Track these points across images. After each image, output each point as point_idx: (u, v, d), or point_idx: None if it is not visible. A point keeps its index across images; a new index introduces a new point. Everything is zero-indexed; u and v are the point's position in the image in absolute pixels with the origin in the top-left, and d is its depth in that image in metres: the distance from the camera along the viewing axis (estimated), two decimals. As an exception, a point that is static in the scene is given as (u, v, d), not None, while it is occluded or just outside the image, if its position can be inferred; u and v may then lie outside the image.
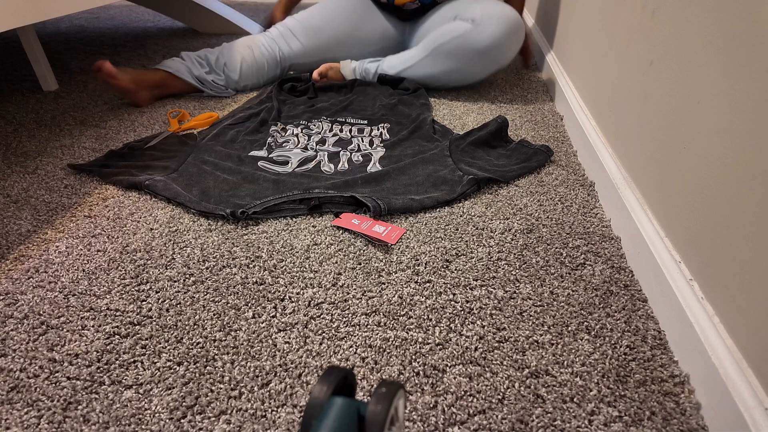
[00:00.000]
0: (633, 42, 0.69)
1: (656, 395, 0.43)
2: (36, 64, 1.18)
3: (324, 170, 0.80)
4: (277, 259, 0.60)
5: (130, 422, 0.41)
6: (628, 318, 0.51)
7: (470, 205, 0.72)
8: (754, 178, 0.39)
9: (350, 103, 1.09)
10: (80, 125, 1.00)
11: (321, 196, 0.70)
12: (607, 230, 0.66)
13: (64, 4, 0.89)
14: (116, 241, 0.64)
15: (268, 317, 0.52)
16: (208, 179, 0.77)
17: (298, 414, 0.42)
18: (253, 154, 0.85)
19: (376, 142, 0.91)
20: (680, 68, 0.54)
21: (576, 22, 1.04)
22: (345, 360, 0.47)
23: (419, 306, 0.53)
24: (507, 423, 0.41)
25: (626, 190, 0.64)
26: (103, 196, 0.74)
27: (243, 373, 0.45)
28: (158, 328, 0.50)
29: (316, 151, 0.87)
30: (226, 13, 1.80)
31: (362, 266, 0.59)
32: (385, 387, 0.26)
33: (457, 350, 0.48)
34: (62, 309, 0.53)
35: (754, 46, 0.41)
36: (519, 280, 0.57)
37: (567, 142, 0.92)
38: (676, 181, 0.53)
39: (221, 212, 0.68)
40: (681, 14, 0.55)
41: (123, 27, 1.93)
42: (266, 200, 0.70)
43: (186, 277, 0.57)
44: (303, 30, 1.22)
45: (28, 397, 0.43)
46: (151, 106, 1.10)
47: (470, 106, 1.10)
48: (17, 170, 0.82)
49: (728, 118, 0.44)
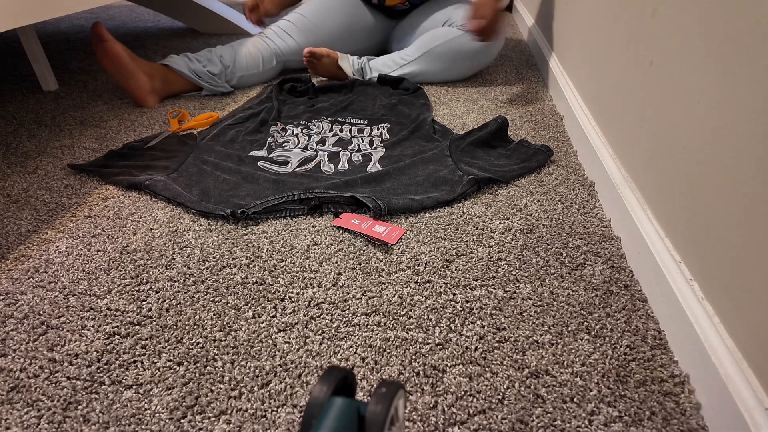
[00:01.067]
0: (633, 42, 0.69)
1: (656, 395, 0.43)
2: (36, 64, 1.18)
3: (324, 170, 0.80)
4: (277, 259, 0.60)
5: (130, 422, 0.41)
6: (628, 318, 0.51)
7: (470, 205, 0.72)
8: (754, 178, 0.39)
9: (350, 103, 1.09)
10: (80, 125, 1.00)
11: (321, 196, 0.70)
12: (607, 230, 0.66)
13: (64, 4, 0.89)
14: (116, 241, 0.64)
15: (268, 317, 0.52)
16: (208, 179, 0.77)
17: (298, 414, 0.42)
18: (253, 154, 0.85)
19: (376, 142, 0.91)
20: (680, 68, 0.54)
21: (576, 22, 1.05)
22: (345, 360, 0.47)
23: (419, 306, 0.53)
24: (507, 423, 0.41)
25: (626, 190, 0.64)
26: (103, 196, 0.74)
27: (243, 373, 0.45)
28: (158, 328, 0.50)
29: (316, 151, 0.87)
30: (226, 13, 1.80)
31: (362, 266, 0.59)
32: (385, 387, 0.26)
33: (457, 350, 0.48)
34: (62, 309, 0.53)
35: (754, 46, 0.41)
36: (519, 280, 0.57)
37: (567, 142, 0.92)
38: (676, 181, 0.53)
39: (221, 212, 0.68)
40: (681, 14, 0.55)
41: (123, 27, 1.93)
42: (266, 200, 0.70)
43: (186, 277, 0.57)
44: (297, 29, 1.25)
45: (28, 397, 0.43)
46: (153, 106, 1.10)
47: (470, 106, 1.10)
48: (17, 170, 0.82)
49: (728, 118, 0.44)
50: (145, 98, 1.08)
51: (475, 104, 1.11)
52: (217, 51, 1.17)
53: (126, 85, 1.06)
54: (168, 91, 1.13)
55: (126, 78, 1.04)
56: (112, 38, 1.00)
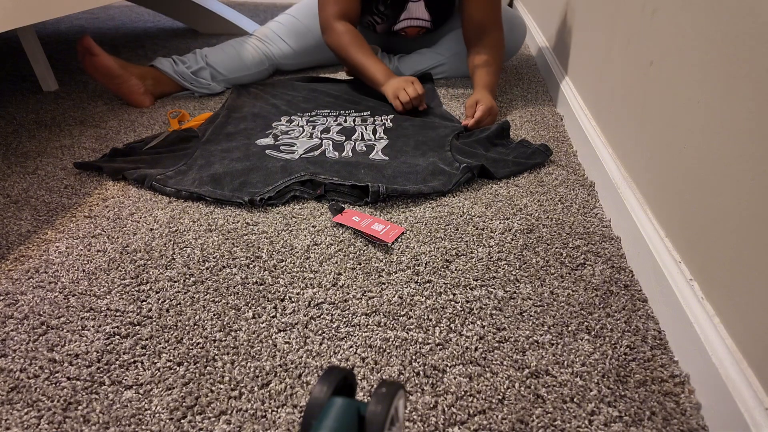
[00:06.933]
0: (633, 42, 0.69)
1: (656, 395, 0.43)
2: (36, 65, 1.18)
3: (329, 156, 0.83)
4: (277, 260, 0.60)
5: (130, 422, 0.41)
6: (628, 318, 0.51)
7: (470, 205, 0.72)
8: (754, 178, 0.39)
9: (354, 94, 1.12)
10: (80, 125, 1.00)
11: (327, 182, 0.73)
12: (607, 230, 0.66)
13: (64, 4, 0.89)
14: (116, 242, 0.64)
15: (268, 317, 0.52)
16: (218, 168, 0.78)
17: (298, 414, 0.42)
18: (259, 142, 0.88)
19: (379, 131, 0.93)
20: (680, 68, 0.54)
21: (576, 23, 1.04)
22: (345, 360, 0.47)
23: (419, 306, 0.53)
24: (507, 423, 0.41)
25: (626, 190, 0.64)
26: (103, 196, 0.74)
27: (243, 373, 0.45)
28: (158, 328, 0.50)
29: (321, 139, 0.89)
30: (225, 13, 1.80)
31: (362, 266, 0.59)
32: (386, 387, 0.26)
33: (457, 350, 0.48)
34: (62, 309, 0.53)
35: (753, 46, 0.41)
36: (519, 280, 0.57)
37: (567, 142, 0.92)
38: (676, 181, 0.53)
39: (238, 200, 0.70)
40: (681, 14, 0.55)
41: (123, 27, 1.93)
42: (277, 184, 0.73)
43: (186, 277, 0.57)
44: (288, 33, 1.24)
45: (28, 398, 0.43)
46: (151, 106, 1.10)
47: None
48: (17, 170, 0.82)
49: (728, 118, 0.44)
50: (140, 100, 1.09)
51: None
52: (202, 52, 1.16)
53: (119, 91, 1.07)
54: (161, 91, 1.13)
55: (118, 85, 1.06)
56: (100, 51, 1.00)
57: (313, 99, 1.09)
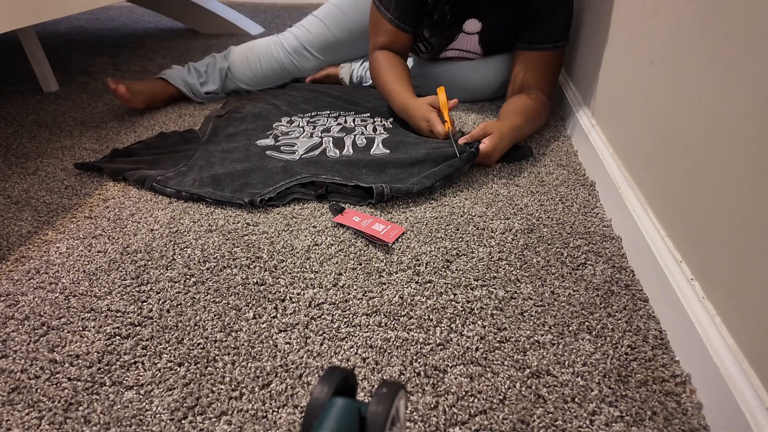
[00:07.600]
0: (633, 42, 0.69)
1: (658, 395, 0.43)
2: (36, 65, 1.18)
3: (330, 155, 0.83)
4: (277, 260, 0.60)
5: (131, 423, 0.41)
6: (629, 318, 0.51)
7: (471, 205, 0.72)
8: (754, 177, 0.39)
9: (354, 95, 1.12)
10: (81, 126, 1.00)
11: (329, 183, 0.73)
12: (608, 230, 0.66)
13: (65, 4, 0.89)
14: (117, 242, 0.64)
15: (269, 318, 0.52)
16: (218, 169, 0.78)
17: (299, 414, 0.42)
18: (259, 143, 0.88)
19: (379, 129, 0.93)
20: (680, 68, 0.54)
21: (576, 22, 1.04)
22: (346, 360, 0.47)
23: (420, 306, 0.53)
24: (508, 423, 0.41)
25: (627, 190, 0.64)
26: (103, 197, 0.74)
27: (244, 373, 0.45)
28: (159, 328, 0.50)
29: (321, 138, 0.89)
30: (226, 13, 1.81)
31: (363, 266, 0.59)
32: (386, 387, 0.26)
33: (458, 350, 0.48)
34: (63, 310, 0.53)
35: (753, 46, 0.41)
36: (520, 280, 0.57)
37: (567, 142, 0.92)
38: (676, 181, 0.53)
39: (239, 201, 0.70)
40: (681, 14, 0.55)
41: (123, 28, 1.93)
42: (278, 185, 0.73)
43: (186, 277, 0.57)
44: (321, 48, 1.17)
45: (29, 398, 0.43)
46: (152, 107, 1.09)
47: (470, 106, 1.10)
48: (18, 171, 0.82)
49: (728, 118, 0.44)
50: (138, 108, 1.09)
51: (475, 104, 1.11)
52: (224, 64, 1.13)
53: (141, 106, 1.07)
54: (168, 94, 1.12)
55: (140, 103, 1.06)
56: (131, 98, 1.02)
57: (314, 99, 1.09)
